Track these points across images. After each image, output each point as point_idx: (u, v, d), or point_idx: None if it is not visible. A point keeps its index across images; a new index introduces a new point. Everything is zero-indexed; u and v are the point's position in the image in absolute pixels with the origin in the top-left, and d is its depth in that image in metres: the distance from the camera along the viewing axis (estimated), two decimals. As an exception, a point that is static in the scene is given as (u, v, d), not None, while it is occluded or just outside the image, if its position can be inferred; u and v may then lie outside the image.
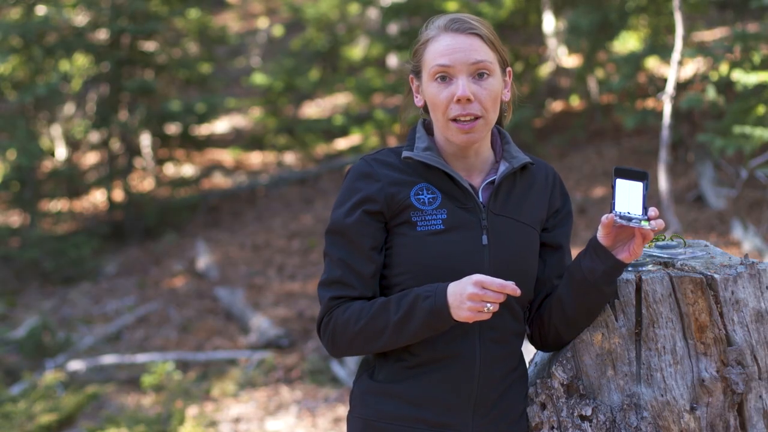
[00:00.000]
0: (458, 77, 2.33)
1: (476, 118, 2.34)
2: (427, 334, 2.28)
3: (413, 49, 2.45)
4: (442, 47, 2.35)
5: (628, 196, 2.23)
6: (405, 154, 2.40)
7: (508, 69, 2.45)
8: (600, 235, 2.29)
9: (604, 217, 2.26)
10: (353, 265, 2.34)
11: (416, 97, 2.47)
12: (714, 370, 2.36)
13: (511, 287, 2.18)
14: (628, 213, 2.22)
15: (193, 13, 14.21)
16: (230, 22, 19.74)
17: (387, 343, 2.31)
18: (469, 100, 2.32)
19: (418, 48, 2.42)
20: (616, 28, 11.37)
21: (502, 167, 2.43)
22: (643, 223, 2.20)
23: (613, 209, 2.24)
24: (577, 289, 2.34)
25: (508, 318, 2.37)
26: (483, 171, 2.45)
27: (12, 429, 5.86)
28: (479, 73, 2.35)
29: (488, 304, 2.18)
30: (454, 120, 2.34)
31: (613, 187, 2.24)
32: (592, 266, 2.30)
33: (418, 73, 2.43)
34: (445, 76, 2.34)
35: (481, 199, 2.39)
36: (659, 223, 2.22)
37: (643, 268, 2.42)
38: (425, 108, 2.46)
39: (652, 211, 2.22)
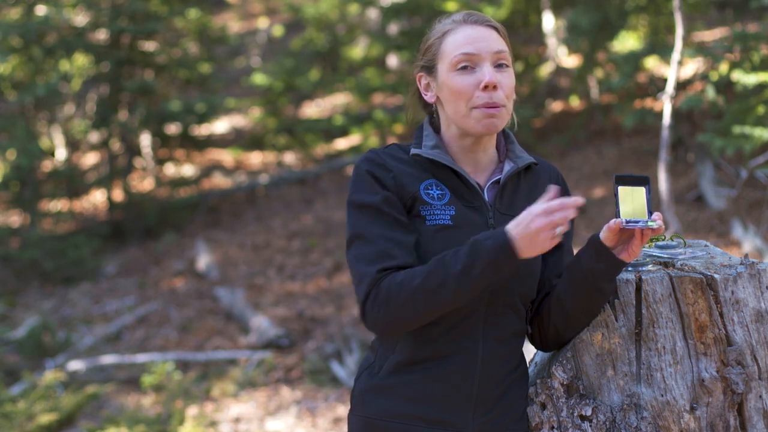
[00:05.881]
0: (483, 65, 2.34)
1: (500, 107, 2.34)
2: (492, 279, 2.22)
3: (424, 45, 2.44)
4: (464, 37, 2.36)
5: (632, 201, 2.24)
6: (413, 151, 2.39)
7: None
8: (604, 237, 2.28)
9: (612, 222, 2.24)
10: (394, 237, 2.29)
11: (426, 94, 2.45)
12: (714, 370, 2.36)
13: (574, 200, 2.15)
14: (634, 218, 2.23)
15: (193, 13, 14.22)
16: (230, 22, 19.75)
17: (448, 298, 2.22)
18: (495, 86, 2.32)
19: (433, 42, 2.41)
20: (615, 27, 11.38)
21: (507, 167, 2.43)
22: (650, 223, 2.21)
23: (619, 216, 2.24)
24: (576, 287, 2.34)
25: (513, 317, 2.37)
26: (488, 170, 2.44)
27: (12, 429, 5.86)
28: (499, 64, 2.35)
29: (559, 227, 2.16)
30: (477, 108, 2.33)
31: (615, 195, 2.25)
32: (591, 264, 2.30)
33: (431, 68, 2.41)
34: (467, 65, 2.34)
35: (486, 199, 2.40)
36: (661, 224, 2.22)
37: (643, 268, 2.42)
38: (435, 105, 2.45)
39: (656, 215, 2.23)
